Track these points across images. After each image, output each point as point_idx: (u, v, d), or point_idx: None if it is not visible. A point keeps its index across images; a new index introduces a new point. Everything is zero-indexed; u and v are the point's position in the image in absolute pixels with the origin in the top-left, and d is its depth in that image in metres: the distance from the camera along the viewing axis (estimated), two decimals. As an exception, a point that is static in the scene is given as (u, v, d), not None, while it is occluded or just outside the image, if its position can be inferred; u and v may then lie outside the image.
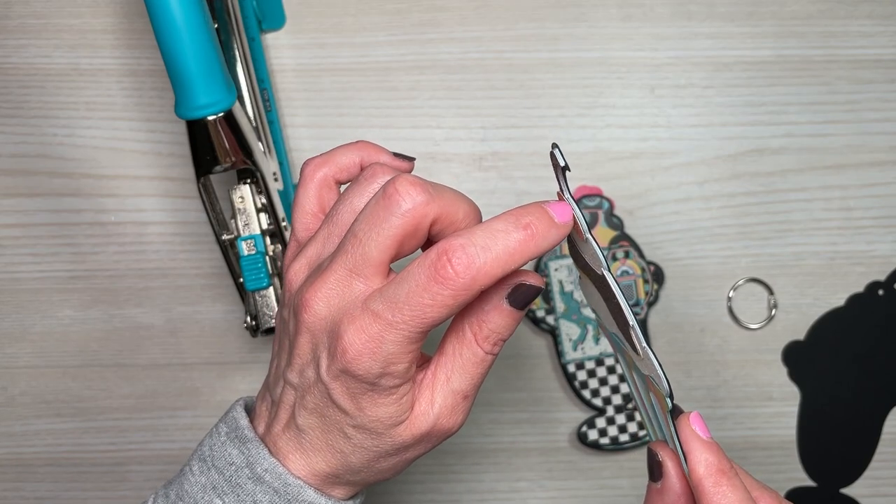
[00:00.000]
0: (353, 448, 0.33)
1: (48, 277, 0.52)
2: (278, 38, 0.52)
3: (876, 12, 0.51)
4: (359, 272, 0.31)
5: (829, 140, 0.51)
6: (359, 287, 0.31)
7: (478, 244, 0.30)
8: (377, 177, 0.34)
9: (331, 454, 0.33)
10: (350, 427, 0.32)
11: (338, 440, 0.33)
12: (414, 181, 0.31)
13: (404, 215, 0.30)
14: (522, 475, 0.51)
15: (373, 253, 0.31)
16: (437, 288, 0.29)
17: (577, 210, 0.32)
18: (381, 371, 0.31)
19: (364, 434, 0.32)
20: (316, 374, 0.32)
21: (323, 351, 0.31)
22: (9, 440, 0.52)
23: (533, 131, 0.51)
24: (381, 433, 0.32)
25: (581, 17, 0.51)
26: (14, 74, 0.52)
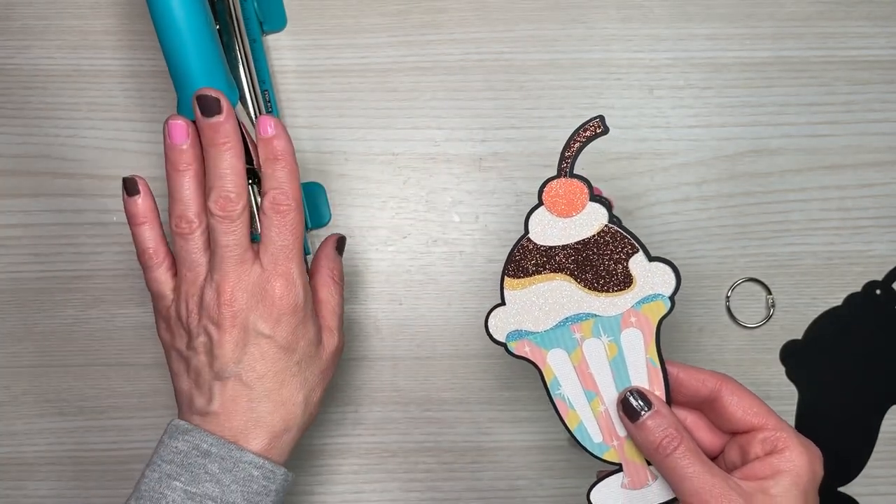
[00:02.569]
0: (298, 386, 0.41)
1: (50, 277, 0.52)
2: (279, 40, 0.52)
3: (874, 13, 0.52)
4: (244, 260, 0.40)
5: (827, 140, 0.51)
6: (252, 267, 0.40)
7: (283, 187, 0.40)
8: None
9: (274, 406, 0.40)
10: (295, 364, 0.41)
11: (285, 387, 0.41)
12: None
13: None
14: (522, 473, 0.52)
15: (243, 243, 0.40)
16: (278, 220, 0.40)
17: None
18: (305, 297, 0.41)
19: (306, 363, 0.41)
20: (255, 337, 0.40)
21: (256, 317, 0.40)
22: (11, 439, 0.52)
23: (532, 132, 0.51)
24: (316, 354, 0.42)
25: (580, 19, 0.52)
26: (16, 75, 0.52)
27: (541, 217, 0.39)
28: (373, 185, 0.52)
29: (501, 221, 0.51)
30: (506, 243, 0.51)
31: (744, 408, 0.37)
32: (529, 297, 0.39)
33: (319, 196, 0.51)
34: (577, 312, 0.39)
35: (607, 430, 0.39)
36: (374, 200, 0.52)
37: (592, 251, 0.39)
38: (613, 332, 0.39)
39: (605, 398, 0.39)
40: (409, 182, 0.52)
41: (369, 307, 0.51)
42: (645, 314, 0.39)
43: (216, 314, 0.39)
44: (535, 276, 0.39)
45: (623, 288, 0.39)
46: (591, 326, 0.39)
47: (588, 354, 0.39)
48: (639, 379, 0.39)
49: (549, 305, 0.39)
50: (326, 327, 0.43)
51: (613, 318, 0.39)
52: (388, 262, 0.52)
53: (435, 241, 0.52)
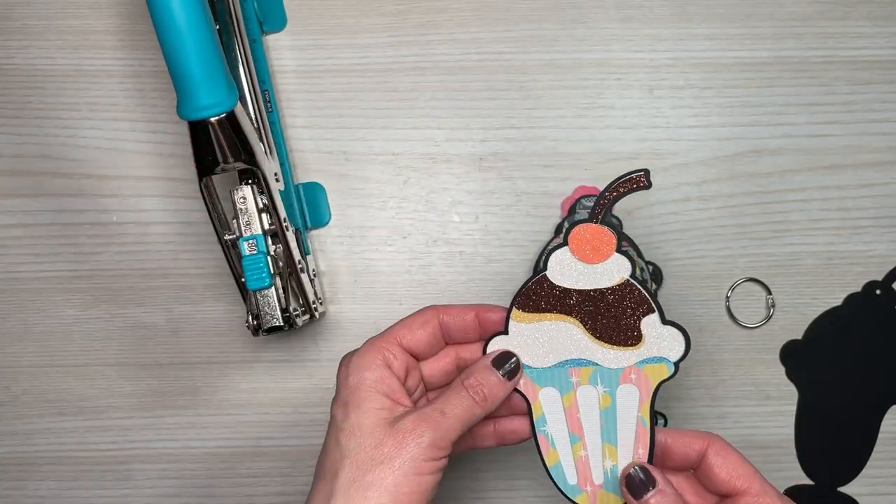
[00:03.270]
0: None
1: (50, 277, 0.52)
2: (279, 40, 0.52)
3: (874, 13, 0.52)
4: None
5: (827, 141, 0.51)
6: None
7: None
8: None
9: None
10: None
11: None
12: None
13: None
14: (522, 473, 0.52)
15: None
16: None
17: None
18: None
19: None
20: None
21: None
22: (11, 439, 0.52)
23: (532, 132, 0.51)
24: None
25: (580, 19, 0.52)
26: (16, 75, 0.52)
27: (563, 257, 0.39)
28: (373, 185, 0.52)
29: (501, 221, 0.51)
30: (506, 243, 0.51)
31: (728, 469, 0.37)
32: (534, 333, 0.39)
33: (319, 196, 0.51)
34: (579, 357, 0.39)
35: (583, 475, 0.39)
36: (374, 200, 0.52)
37: (608, 302, 0.39)
38: (611, 384, 0.39)
39: (588, 444, 0.39)
40: (409, 182, 0.52)
41: (369, 307, 0.51)
42: (646, 374, 0.39)
43: None
44: (545, 313, 0.39)
45: (631, 344, 0.39)
46: (589, 374, 0.39)
47: (581, 400, 0.39)
48: (626, 434, 0.39)
49: (552, 345, 0.39)
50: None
51: (614, 370, 0.39)
52: (388, 262, 0.52)
53: (435, 241, 0.52)
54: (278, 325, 0.45)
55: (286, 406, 0.52)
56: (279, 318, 0.45)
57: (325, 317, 0.52)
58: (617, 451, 0.39)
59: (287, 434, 0.52)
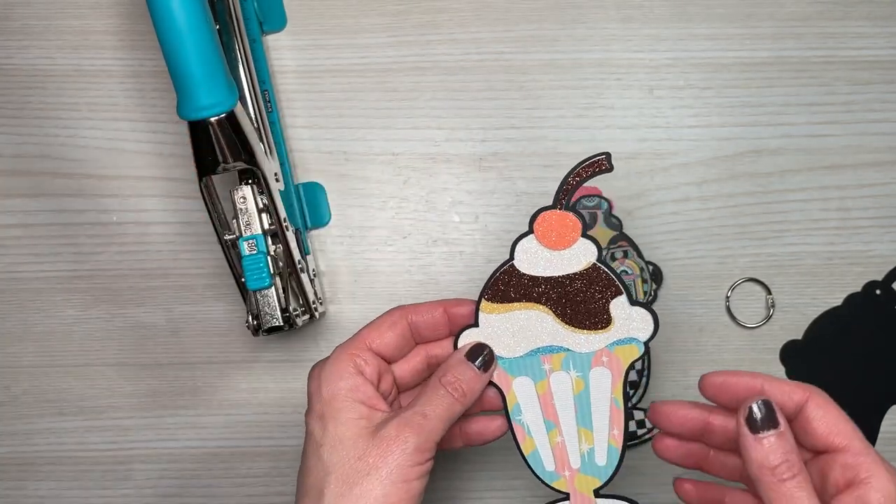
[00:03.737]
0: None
1: (50, 277, 0.52)
2: (279, 40, 0.52)
3: (874, 13, 0.52)
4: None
5: (827, 141, 0.51)
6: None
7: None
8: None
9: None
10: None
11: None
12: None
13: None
14: (519, 473, 0.51)
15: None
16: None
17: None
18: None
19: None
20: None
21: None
22: (11, 439, 0.52)
23: (532, 132, 0.51)
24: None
25: (580, 19, 0.52)
26: (16, 75, 0.52)
27: (529, 245, 0.39)
28: (373, 185, 0.52)
29: (501, 221, 0.51)
30: (506, 243, 0.51)
31: (828, 424, 0.35)
32: (504, 323, 0.39)
33: (319, 196, 0.51)
34: (550, 344, 0.39)
35: (560, 460, 0.39)
36: (374, 200, 0.52)
37: (576, 287, 0.39)
38: (583, 368, 0.39)
39: (564, 430, 0.39)
40: (409, 182, 0.52)
41: (369, 307, 0.51)
42: (617, 355, 0.39)
43: None
44: (513, 303, 0.39)
45: (601, 327, 0.39)
46: (561, 360, 0.39)
47: (554, 386, 0.39)
48: (601, 417, 0.39)
49: (522, 334, 0.39)
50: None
51: (585, 354, 0.39)
52: (388, 262, 0.52)
53: (435, 241, 0.52)
54: (278, 325, 0.45)
55: (286, 406, 0.52)
56: (279, 318, 0.45)
57: (325, 317, 0.52)
58: (592, 435, 0.39)
59: (287, 434, 0.52)
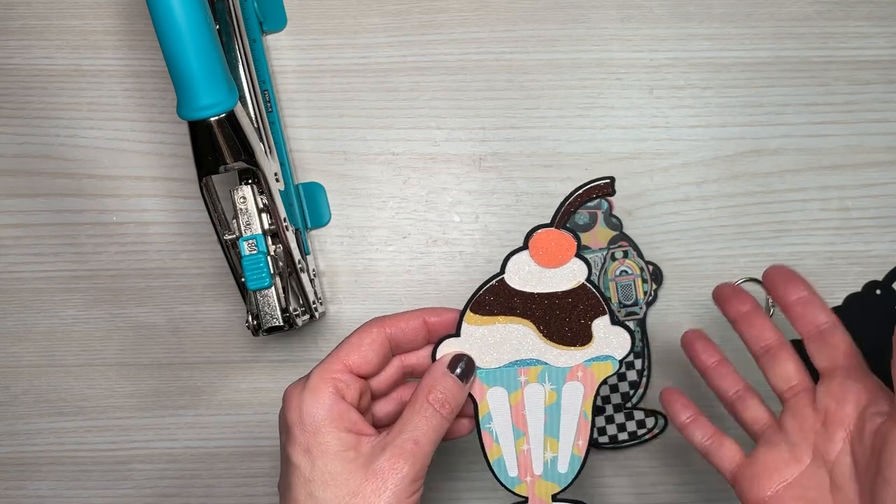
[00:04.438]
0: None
1: (50, 277, 0.52)
2: (279, 40, 0.52)
3: (874, 13, 0.52)
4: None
5: (827, 141, 0.51)
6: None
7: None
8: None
9: None
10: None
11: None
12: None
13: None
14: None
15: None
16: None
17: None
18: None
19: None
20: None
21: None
22: (11, 439, 0.52)
23: (532, 132, 0.51)
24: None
25: (580, 19, 0.52)
26: (16, 75, 0.52)
27: (521, 261, 0.38)
28: (373, 185, 0.52)
29: (501, 221, 0.51)
30: (506, 243, 0.51)
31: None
32: (485, 336, 0.39)
33: (319, 196, 0.51)
34: (529, 358, 0.39)
35: (524, 467, 0.40)
36: (374, 200, 0.52)
37: (562, 304, 0.39)
38: (558, 381, 0.39)
39: (531, 438, 0.40)
40: (409, 182, 0.52)
41: (369, 307, 0.51)
42: (592, 371, 0.39)
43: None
44: (498, 316, 0.39)
45: (580, 345, 0.39)
46: (538, 373, 0.39)
47: (527, 398, 0.40)
48: (568, 428, 0.40)
49: (503, 346, 0.39)
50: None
51: (562, 369, 0.39)
52: (388, 262, 0.52)
53: (435, 241, 0.52)
54: (278, 325, 0.45)
55: (286, 406, 0.52)
56: (279, 318, 0.45)
57: (325, 317, 0.52)
58: (558, 444, 0.40)
59: (287, 434, 0.52)
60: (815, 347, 0.40)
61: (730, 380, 0.43)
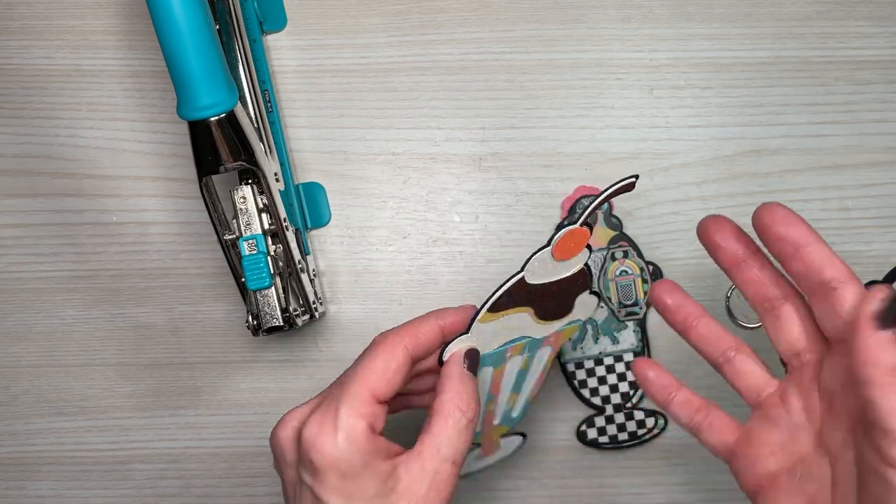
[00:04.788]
0: None
1: (50, 277, 0.52)
2: (279, 40, 0.52)
3: (874, 13, 0.52)
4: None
5: (827, 141, 0.51)
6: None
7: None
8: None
9: None
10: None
11: None
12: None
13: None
14: (522, 473, 0.52)
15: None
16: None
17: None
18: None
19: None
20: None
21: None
22: (11, 439, 0.52)
23: (532, 132, 0.51)
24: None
25: (580, 19, 0.52)
26: (16, 75, 0.52)
27: (542, 259, 0.38)
28: (373, 185, 0.52)
29: (501, 221, 0.51)
30: (506, 243, 0.51)
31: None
32: (492, 328, 0.39)
33: (319, 196, 0.51)
34: (519, 336, 0.40)
35: (487, 422, 0.43)
36: (374, 200, 0.52)
37: (561, 288, 0.39)
38: (533, 350, 0.41)
39: (500, 398, 0.42)
40: (409, 182, 0.52)
41: (369, 307, 0.51)
42: (562, 334, 0.41)
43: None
44: (507, 310, 0.39)
45: (562, 317, 0.40)
46: (521, 347, 0.41)
47: (508, 368, 0.41)
48: (530, 383, 0.42)
49: (504, 333, 0.40)
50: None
51: (539, 339, 0.41)
52: (387, 262, 0.52)
53: (435, 241, 0.52)
54: (278, 325, 0.45)
55: (286, 406, 0.51)
56: (279, 318, 0.45)
57: (325, 317, 0.52)
58: (518, 397, 0.43)
59: (287, 434, 0.52)
60: (821, 310, 0.33)
61: (716, 340, 0.38)
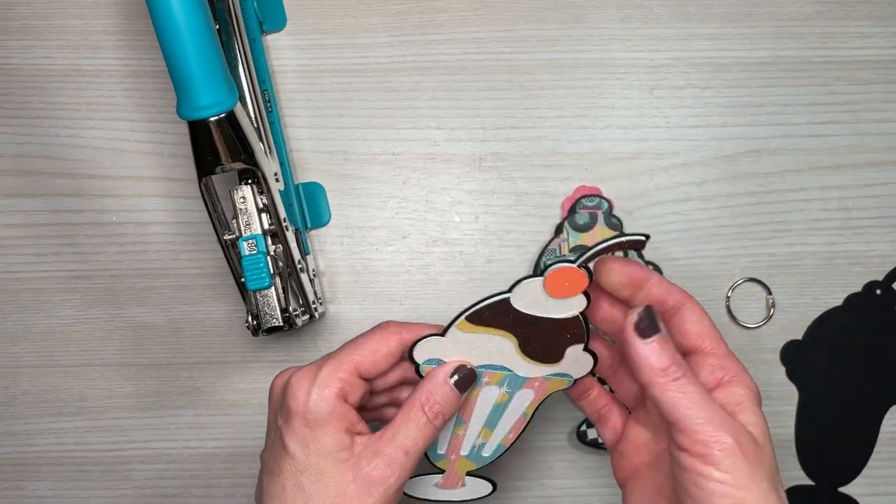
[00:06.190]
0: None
1: (50, 277, 0.52)
2: (279, 40, 0.52)
3: (874, 13, 0.52)
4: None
5: (827, 141, 0.51)
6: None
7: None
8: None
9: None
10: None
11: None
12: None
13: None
14: (522, 473, 0.52)
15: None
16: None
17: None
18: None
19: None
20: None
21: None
22: (11, 439, 0.52)
23: (532, 132, 0.51)
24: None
25: (580, 19, 0.52)
26: (16, 75, 0.52)
27: (532, 288, 0.38)
28: (373, 185, 0.52)
29: (501, 221, 0.51)
30: (506, 243, 0.51)
31: (702, 327, 0.37)
32: (469, 341, 0.40)
33: (319, 196, 0.51)
34: (500, 365, 0.40)
35: (454, 447, 0.42)
36: (374, 200, 0.52)
37: (551, 328, 0.39)
38: (514, 387, 0.41)
39: (470, 427, 0.42)
40: (409, 182, 0.52)
41: (369, 307, 0.51)
42: (548, 383, 0.41)
43: None
44: (489, 327, 0.39)
45: (549, 363, 0.40)
46: (500, 378, 0.40)
47: (482, 395, 0.41)
48: (505, 425, 0.42)
49: (481, 352, 0.40)
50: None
51: (522, 377, 0.40)
52: (387, 262, 0.52)
53: (435, 241, 0.52)
54: (278, 325, 0.45)
55: (286, 406, 0.52)
56: (279, 318, 0.45)
57: (324, 317, 0.52)
58: (491, 433, 0.42)
59: (287, 434, 0.52)
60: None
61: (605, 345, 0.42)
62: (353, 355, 0.39)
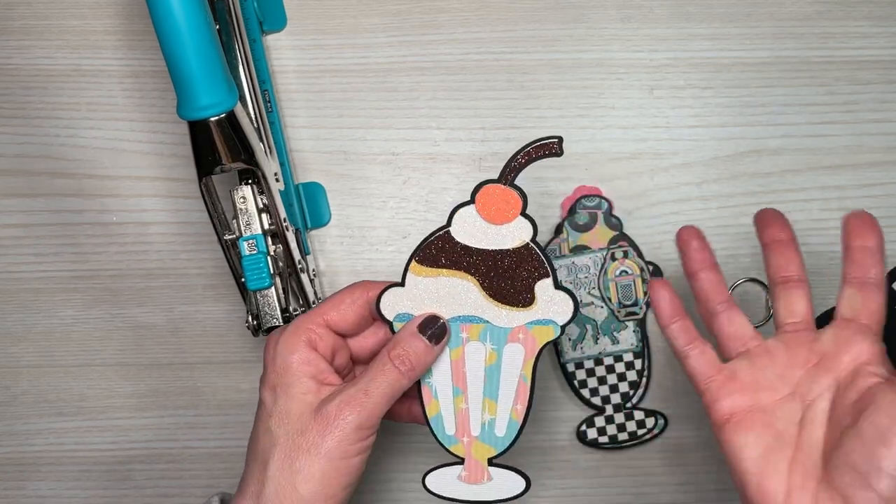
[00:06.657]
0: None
1: (50, 277, 0.52)
2: (279, 40, 0.52)
3: (874, 13, 0.52)
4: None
5: (827, 141, 0.51)
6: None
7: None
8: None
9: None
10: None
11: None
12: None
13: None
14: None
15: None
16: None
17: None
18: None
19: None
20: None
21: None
22: (11, 439, 0.52)
23: (533, 132, 0.51)
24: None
25: (580, 19, 0.52)
26: (16, 75, 0.52)
27: (467, 215, 0.39)
28: (373, 185, 0.52)
29: (501, 221, 0.51)
30: (506, 243, 0.51)
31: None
32: (430, 287, 0.39)
33: (319, 196, 0.51)
34: (471, 314, 0.40)
35: (462, 426, 0.41)
36: (374, 200, 0.52)
37: (506, 263, 0.39)
38: (499, 342, 0.40)
39: (470, 397, 0.40)
40: (409, 182, 0.52)
41: (369, 307, 0.51)
42: (534, 335, 0.40)
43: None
44: (442, 268, 0.39)
45: (523, 305, 0.40)
46: (479, 331, 0.40)
47: (468, 355, 0.40)
48: (507, 390, 0.40)
49: (446, 300, 0.40)
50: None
51: (503, 329, 0.40)
52: (388, 262, 0.52)
53: (435, 241, 0.51)
54: (278, 325, 0.45)
55: (286, 406, 0.52)
56: (279, 318, 0.45)
57: (325, 317, 0.52)
58: (496, 406, 0.41)
59: (287, 434, 0.52)
60: (850, 293, 0.40)
61: (719, 289, 0.42)
62: (323, 309, 0.41)
